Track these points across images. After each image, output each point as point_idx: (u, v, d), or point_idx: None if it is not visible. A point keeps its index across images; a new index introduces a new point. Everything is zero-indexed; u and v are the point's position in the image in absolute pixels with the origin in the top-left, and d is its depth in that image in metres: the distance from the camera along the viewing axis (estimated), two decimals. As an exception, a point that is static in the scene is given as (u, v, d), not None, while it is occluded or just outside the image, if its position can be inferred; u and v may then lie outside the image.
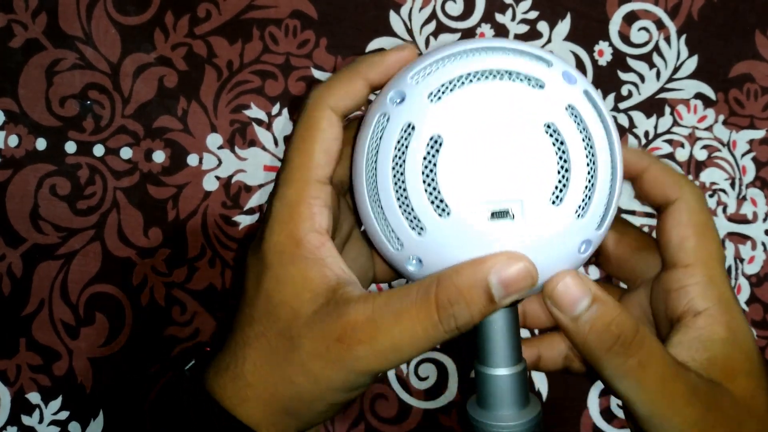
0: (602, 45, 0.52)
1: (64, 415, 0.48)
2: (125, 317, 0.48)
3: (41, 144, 0.48)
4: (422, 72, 0.25)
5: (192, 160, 0.49)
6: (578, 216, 0.24)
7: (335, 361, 0.25)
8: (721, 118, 0.51)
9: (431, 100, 0.24)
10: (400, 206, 0.25)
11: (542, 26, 0.52)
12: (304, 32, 0.50)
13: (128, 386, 0.48)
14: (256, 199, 0.49)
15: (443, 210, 0.24)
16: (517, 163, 0.24)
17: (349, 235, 0.31)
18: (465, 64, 0.25)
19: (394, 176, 0.25)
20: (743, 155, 0.51)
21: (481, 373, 0.27)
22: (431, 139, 0.24)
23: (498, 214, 0.24)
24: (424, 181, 0.24)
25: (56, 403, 0.48)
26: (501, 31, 0.51)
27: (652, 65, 0.52)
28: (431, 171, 0.24)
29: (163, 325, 0.48)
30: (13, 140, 0.48)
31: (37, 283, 0.48)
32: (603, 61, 0.52)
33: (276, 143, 0.50)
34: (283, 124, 0.50)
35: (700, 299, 0.28)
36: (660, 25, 0.52)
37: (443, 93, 0.24)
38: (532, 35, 0.52)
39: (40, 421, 0.48)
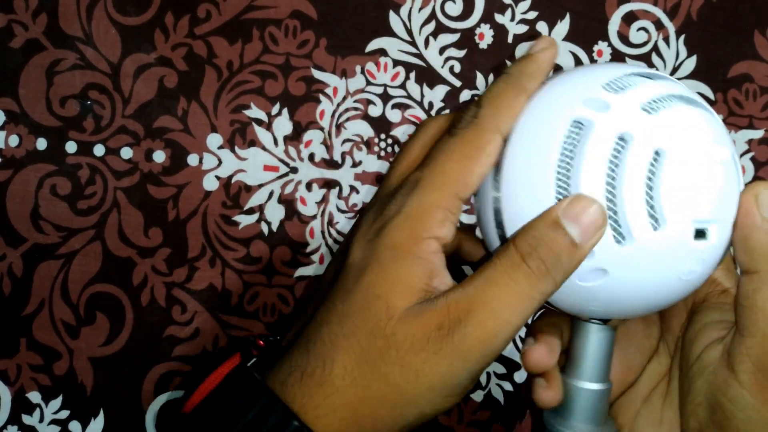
0: (601, 45, 0.52)
1: (64, 414, 0.48)
2: (125, 317, 0.48)
3: (42, 144, 0.48)
4: (616, 84, 0.25)
5: (192, 160, 0.49)
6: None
7: (437, 350, 0.23)
8: (720, 118, 0.51)
9: (647, 112, 0.24)
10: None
11: (541, 26, 0.52)
12: (303, 32, 0.50)
13: (128, 386, 0.48)
14: (256, 199, 0.49)
15: (656, 222, 0.24)
16: (727, 187, 0.25)
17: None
18: (662, 85, 0.25)
19: (608, 185, 0.24)
20: (742, 155, 0.51)
21: (570, 385, 0.28)
22: (654, 151, 0.24)
23: (699, 233, 0.24)
24: (647, 193, 0.24)
25: (56, 403, 0.48)
26: (500, 32, 0.52)
27: (651, 65, 0.53)
28: (651, 183, 0.24)
29: (163, 324, 0.48)
30: (14, 140, 0.48)
31: (38, 282, 0.48)
32: (602, 61, 0.52)
33: (276, 143, 0.50)
34: (283, 124, 0.50)
35: None
36: (659, 25, 0.53)
37: (657, 107, 0.24)
38: (531, 36, 0.52)
39: (41, 420, 0.48)
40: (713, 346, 0.27)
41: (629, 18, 0.52)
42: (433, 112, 0.51)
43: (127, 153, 0.49)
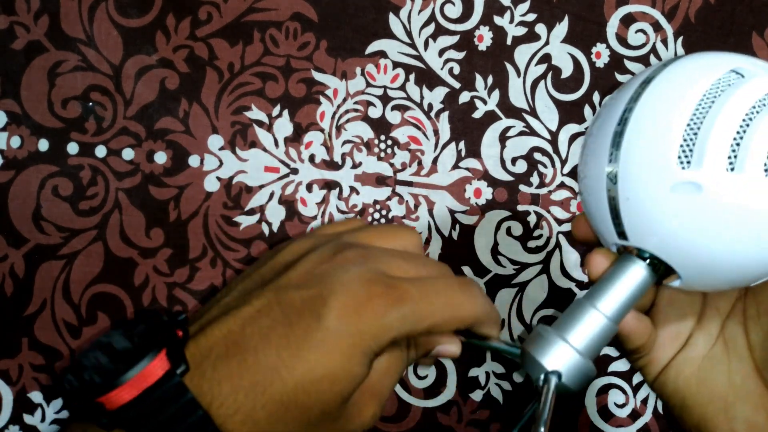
0: (600, 47, 0.53)
1: (65, 414, 0.48)
2: (127, 317, 0.48)
3: (43, 145, 0.49)
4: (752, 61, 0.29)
5: (193, 161, 0.49)
6: None
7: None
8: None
9: None
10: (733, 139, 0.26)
11: (540, 29, 0.52)
12: (304, 35, 0.51)
13: (130, 385, 0.48)
14: (257, 200, 0.49)
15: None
16: None
17: None
18: None
19: (743, 122, 0.26)
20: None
21: (585, 305, 0.29)
22: None
23: None
24: None
25: (58, 403, 0.48)
26: (499, 34, 0.52)
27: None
28: None
29: (164, 324, 0.49)
30: (16, 141, 0.49)
31: (40, 283, 0.48)
32: (600, 63, 0.52)
33: (276, 144, 0.50)
34: (283, 125, 0.50)
35: None
36: (657, 27, 0.53)
37: None
38: (530, 38, 0.52)
39: (42, 420, 0.48)
40: None
41: (627, 20, 0.53)
42: (432, 114, 0.51)
43: (128, 154, 0.49)
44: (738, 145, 0.25)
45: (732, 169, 0.25)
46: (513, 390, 0.51)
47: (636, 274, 0.29)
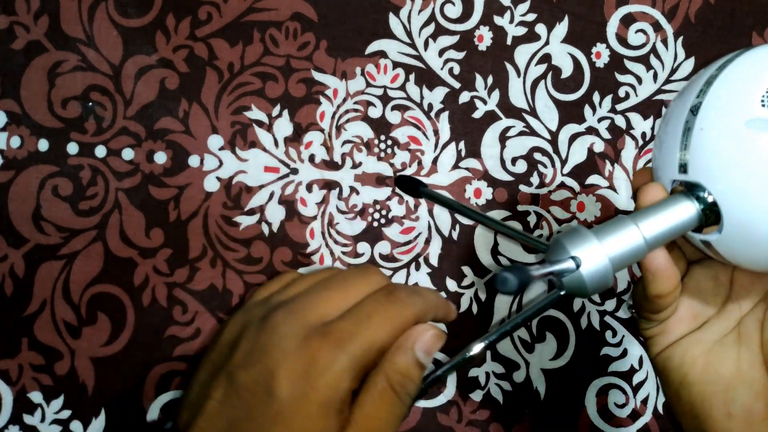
0: (600, 47, 0.53)
1: (65, 414, 0.48)
2: (127, 317, 0.48)
3: (43, 145, 0.49)
4: None
5: (193, 161, 0.49)
6: None
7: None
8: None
9: None
10: None
11: (540, 29, 0.52)
12: (304, 35, 0.51)
13: (129, 386, 0.48)
14: (256, 200, 0.49)
15: None
16: None
17: None
18: None
19: None
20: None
21: (628, 223, 0.30)
22: None
23: None
24: None
25: (58, 403, 0.48)
26: (499, 34, 0.52)
27: (649, 67, 0.53)
28: None
29: (164, 325, 0.49)
30: (15, 141, 0.49)
31: (39, 283, 0.48)
32: (600, 63, 0.52)
33: (276, 144, 0.50)
34: (283, 125, 0.50)
35: None
36: (657, 27, 0.53)
37: None
38: (530, 38, 0.52)
39: (42, 420, 0.48)
40: None
41: (627, 20, 0.53)
42: (432, 114, 0.51)
43: (128, 154, 0.49)
44: None
45: None
46: (513, 390, 0.51)
47: (685, 209, 0.30)
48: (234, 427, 0.31)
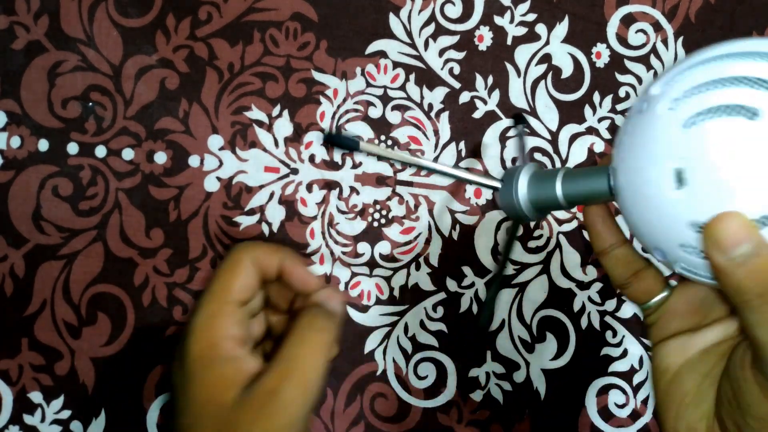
0: (600, 47, 0.53)
1: (65, 414, 0.48)
2: (127, 317, 0.48)
3: (43, 145, 0.49)
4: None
5: (193, 161, 0.49)
6: None
7: (271, 415, 0.29)
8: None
9: None
10: None
11: (540, 29, 0.52)
12: (304, 35, 0.51)
13: (129, 386, 0.48)
14: (257, 200, 0.49)
15: None
16: None
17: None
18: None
19: None
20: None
21: (558, 172, 0.32)
22: None
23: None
24: None
25: (58, 403, 0.48)
26: (499, 34, 0.52)
27: (649, 67, 0.53)
28: None
29: (164, 325, 0.49)
30: (16, 141, 0.49)
31: (40, 283, 0.48)
32: (600, 63, 0.52)
33: (276, 144, 0.50)
34: (284, 125, 0.50)
35: None
36: (657, 27, 0.53)
37: None
38: (530, 38, 0.52)
39: (42, 420, 0.48)
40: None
41: (628, 20, 0.53)
42: (432, 114, 0.51)
43: (128, 154, 0.49)
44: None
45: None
46: (513, 390, 0.51)
47: (600, 177, 0.31)
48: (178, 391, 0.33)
